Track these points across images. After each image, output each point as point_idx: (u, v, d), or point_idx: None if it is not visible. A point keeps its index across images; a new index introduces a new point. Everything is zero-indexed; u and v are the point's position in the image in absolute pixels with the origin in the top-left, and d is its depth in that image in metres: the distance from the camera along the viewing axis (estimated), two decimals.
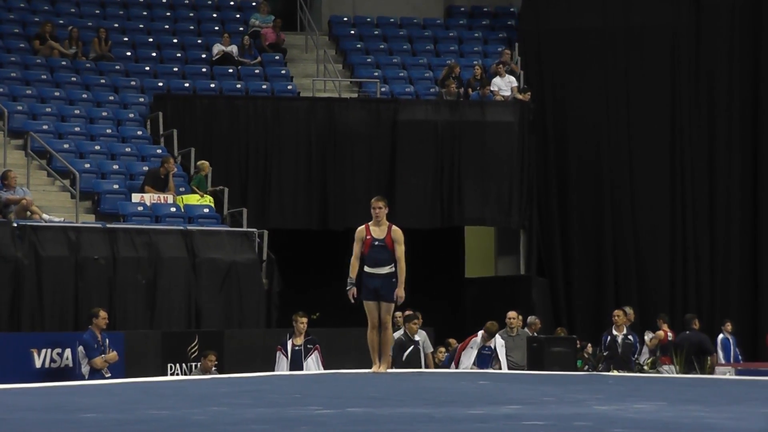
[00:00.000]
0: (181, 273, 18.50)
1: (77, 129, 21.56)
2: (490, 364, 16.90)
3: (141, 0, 25.43)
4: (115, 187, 20.10)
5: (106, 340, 15.97)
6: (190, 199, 20.29)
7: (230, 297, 18.86)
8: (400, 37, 25.92)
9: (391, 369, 12.50)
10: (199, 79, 23.61)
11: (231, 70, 23.96)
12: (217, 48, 24.13)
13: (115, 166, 20.78)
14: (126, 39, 24.38)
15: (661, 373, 18.23)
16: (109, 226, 18.48)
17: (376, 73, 24.51)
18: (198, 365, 16.75)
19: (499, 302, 20.59)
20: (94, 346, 15.79)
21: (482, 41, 26.07)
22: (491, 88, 23.76)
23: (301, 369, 15.86)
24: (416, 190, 22.87)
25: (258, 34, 24.84)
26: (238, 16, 25.77)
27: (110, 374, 15.61)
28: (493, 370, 16.36)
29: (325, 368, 15.62)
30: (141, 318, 18.02)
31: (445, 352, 18.45)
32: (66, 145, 20.83)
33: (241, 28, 25.17)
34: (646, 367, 18.86)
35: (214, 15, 25.73)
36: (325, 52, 24.71)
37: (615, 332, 18.43)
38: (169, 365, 16.96)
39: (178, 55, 24.33)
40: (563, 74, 24.63)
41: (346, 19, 26.19)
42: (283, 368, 16.11)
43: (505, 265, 24.53)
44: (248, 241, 19.43)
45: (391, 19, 26.30)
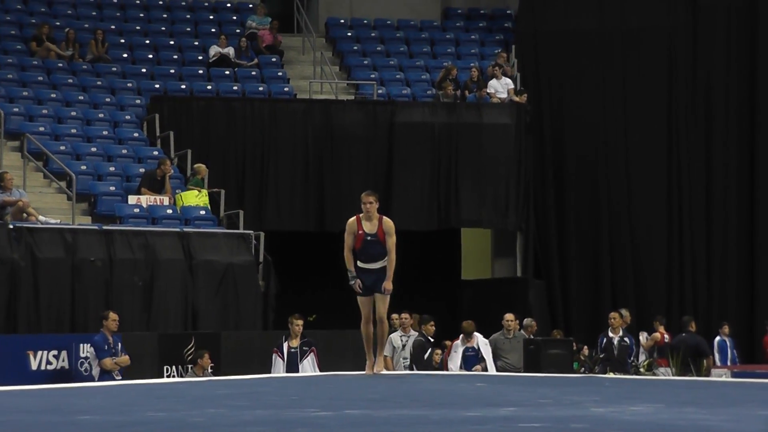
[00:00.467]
0: (177, 275, 18.51)
1: (74, 131, 21.56)
2: (476, 364, 16.92)
3: (138, 2, 25.46)
4: (112, 188, 20.12)
5: (119, 344, 16.01)
6: (188, 196, 20.26)
7: (227, 299, 18.87)
8: (397, 39, 25.96)
9: (386, 370, 12.49)
10: (196, 81, 23.63)
11: (228, 72, 23.99)
12: (214, 50, 24.16)
13: (112, 168, 20.78)
14: (123, 41, 24.41)
15: (657, 376, 18.31)
16: (105, 227, 18.50)
17: (373, 75, 24.55)
18: (191, 368, 16.77)
19: (496, 304, 20.60)
20: (104, 347, 15.84)
21: (479, 43, 26.11)
22: (488, 90, 23.79)
23: (297, 371, 15.86)
24: (413, 192, 22.91)
25: (255, 36, 24.87)
26: (235, 18, 25.78)
27: (121, 377, 15.65)
28: (480, 371, 16.35)
29: (321, 370, 15.63)
30: (137, 320, 18.04)
31: (441, 354, 18.47)
32: (62, 147, 20.84)
33: (238, 30, 25.19)
34: (642, 370, 18.92)
35: (211, 17, 25.76)
36: (322, 54, 24.77)
37: (611, 334, 18.46)
38: (166, 367, 16.97)
39: (175, 56, 24.33)
40: (560, 76, 24.67)
41: (342, 21, 26.24)
42: (279, 370, 16.12)
43: (502, 267, 24.55)
44: (245, 243, 19.43)
45: (388, 21, 26.36)
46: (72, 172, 19.64)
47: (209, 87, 23.50)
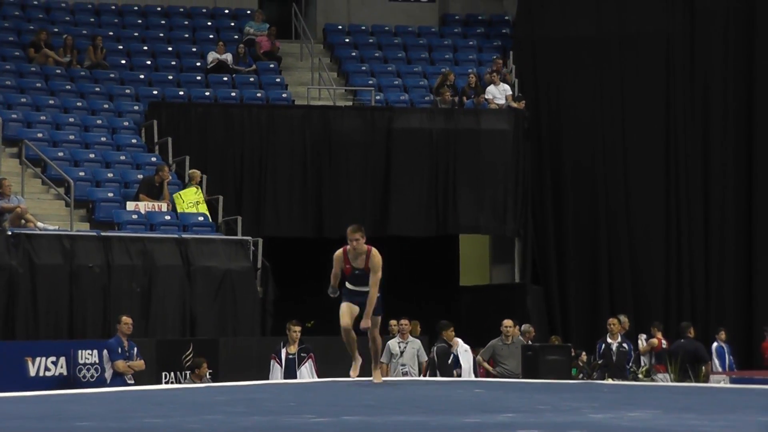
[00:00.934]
0: (175, 281, 18.56)
1: (72, 137, 21.59)
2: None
3: (135, 8, 25.53)
4: (110, 195, 20.16)
5: (135, 348, 16.03)
6: (187, 194, 20.27)
7: (225, 305, 18.90)
8: (395, 45, 26.02)
9: (385, 377, 12.50)
10: (194, 87, 23.68)
11: (226, 78, 24.05)
12: (212, 56, 24.23)
13: (110, 174, 20.81)
14: (121, 47, 24.47)
15: (655, 381, 18.29)
16: (103, 234, 18.51)
17: (371, 81, 24.59)
18: (189, 374, 16.79)
19: (494, 310, 20.70)
20: (118, 350, 15.89)
21: (477, 49, 26.16)
22: (486, 96, 23.82)
23: (295, 377, 15.88)
24: (411, 198, 22.93)
25: (253, 42, 24.93)
26: (233, 24, 25.86)
27: (133, 381, 15.70)
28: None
29: (319, 376, 15.65)
30: (135, 326, 17.86)
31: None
32: (60, 153, 20.88)
33: (236, 36, 25.26)
34: (640, 375, 18.92)
35: (209, 23, 25.85)
36: (320, 60, 24.81)
37: (609, 340, 18.51)
38: (164, 374, 16.96)
39: (173, 63, 24.41)
40: (558, 81, 24.70)
41: (340, 27, 26.30)
42: (277, 376, 16.13)
43: (500, 273, 24.57)
44: (243, 249, 19.46)
45: (386, 27, 26.41)
46: (70, 179, 19.69)
47: (207, 93, 23.55)
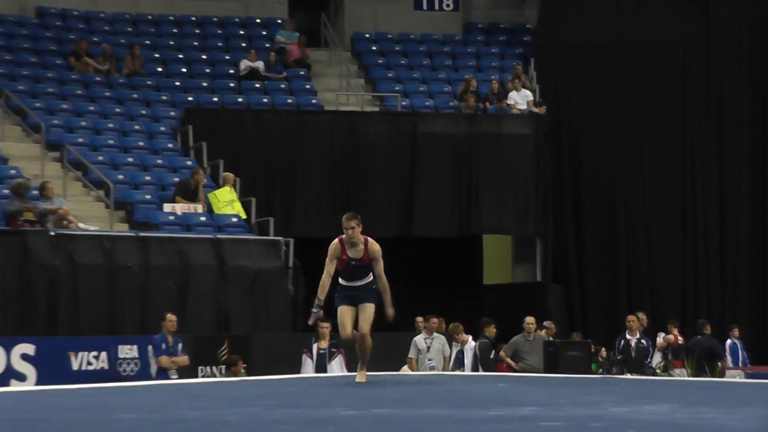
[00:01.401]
0: (210, 280, 18.69)
1: (111, 142, 21.79)
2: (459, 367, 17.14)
3: (171, 18, 25.60)
4: (148, 197, 20.34)
5: (179, 344, 16.19)
6: (222, 193, 20.44)
7: (257, 303, 19.00)
8: (420, 53, 26.08)
9: (410, 371, 12.59)
10: (227, 94, 23.82)
11: (258, 85, 24.15)
12: (245, 64, 24.39)
13: (148, 177, 21.00)
14: (157, 55, 24.63)
15: (673, 377, 18.48)
16: (141, 234, 18.66)
17: (397, 88, 24.70)
18: (224, 369, 17.02)
19: (517, 308, 20.76)
20: (162, 346, 16.04)
21: (499, 56, 26.21)
22: (508, 102, 23.98)
23: (326, 372, 16.12)
24: (435, 200, 23.03)
25: (284, 51, 25.04)
26: (264, 33, 25.92)
27: (177, 376, 15.81)
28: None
29: (348, 371, 15.77)
30: None
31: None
32: (100, 158, 21.07)
33: (267, 45, 25.34)
34: (658, 371, 19.04)
35: (242, 32, 25.87)
36: (348, 68, 24.98)
37: (629, 336, 18.57)
38: (200, 368, 17.14)
39: (207, 70, 24.53)
40: (577, 87, 24.79)
41: (368, 35, 26.36)
42: (308, 371, 16.41)
43: (522, 272, 24.70)
44: (275, 249, 19.62)
45: (412, 36, 26.45)
46: (110, 182, 19.96)
47: (240, 99, 23.72)
